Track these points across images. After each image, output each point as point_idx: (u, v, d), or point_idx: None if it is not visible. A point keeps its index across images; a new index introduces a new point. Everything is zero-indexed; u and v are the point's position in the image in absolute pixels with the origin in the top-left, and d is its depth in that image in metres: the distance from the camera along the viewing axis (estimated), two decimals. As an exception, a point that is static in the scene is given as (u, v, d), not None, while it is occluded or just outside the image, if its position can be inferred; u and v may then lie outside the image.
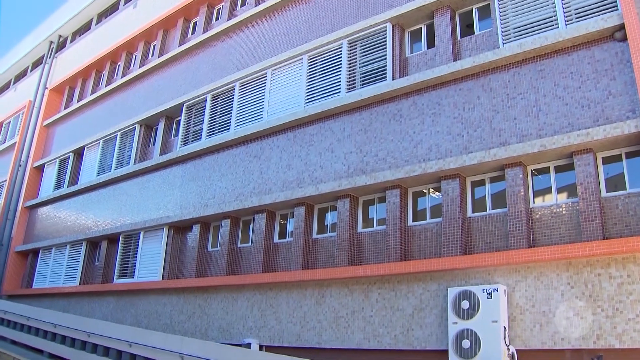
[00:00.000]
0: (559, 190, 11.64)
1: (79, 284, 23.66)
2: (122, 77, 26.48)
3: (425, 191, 13.68)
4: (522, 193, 11.54)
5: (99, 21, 31.05)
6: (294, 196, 15.37)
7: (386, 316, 12.67)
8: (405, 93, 14.14)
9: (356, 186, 14.03)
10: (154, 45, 25.52)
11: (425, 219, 13.38)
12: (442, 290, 11.90)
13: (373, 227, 14.30)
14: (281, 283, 15.05)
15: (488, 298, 10.80)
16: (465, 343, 10.76)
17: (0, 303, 22.19)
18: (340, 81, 15.71)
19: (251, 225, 17.10)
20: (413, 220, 13.54)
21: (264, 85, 18.02)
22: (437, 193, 13.37)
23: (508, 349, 10.39)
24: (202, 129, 19.73)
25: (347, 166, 14.60)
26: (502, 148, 11.82)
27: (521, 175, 11.69)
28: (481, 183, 12.79)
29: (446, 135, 12.99)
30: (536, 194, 11.89)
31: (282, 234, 16.41)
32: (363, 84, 15.23)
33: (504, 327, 10.53)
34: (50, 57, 34.04)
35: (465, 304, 11.06)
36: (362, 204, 14.72)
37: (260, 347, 14.93)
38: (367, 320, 12.98)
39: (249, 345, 14.83)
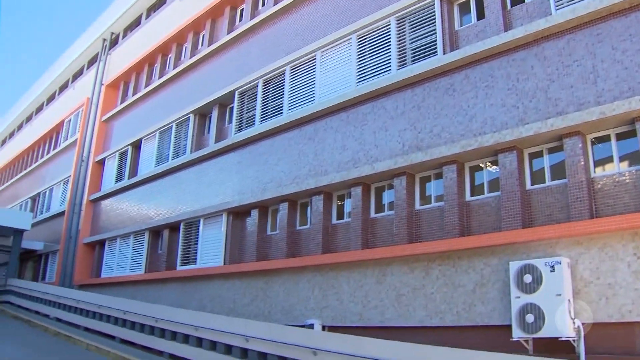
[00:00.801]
0: (621, 159, 11.33)
1: (145, 272, 24.40)
2: (174, 69, 26.95)
3: (482, 165, 13.54)
4: (582, 163, 11.30)
5: (148, 16, 31.61)
6: (350, 176, 15.45)
7: (447, 293, 12.66)
8: (457, 67, 13.99)
9: (412, 163, 14.01)
10: (203, 35, 25.84)
11: (484, 194, 13.25)
12: (504, 264, 11.79)
13: (431, 203, 14.26)
14: (341, 263, 15.18)
15: (551, 271, 10.66)
16: (529, 317, 10.65)
17: (73, 293, 23.07)
18: (390, 59, 15.65)
19: (309, 208, 17.28)
20: (471, 195, 13.44)
21: (314, 67, 18.09)
22: (494, 167, 13.21)
23: (574, 323, 10.22)
24: (255, 115, 19.97)
25: (402, 144, 14.57)
26: (559, 118, 11.59)
27: (580, 145, 11.43)
28: (539, 154, 12.57)
29: (501, 107, 12.81)
30: (597, 163, 11.62)
31: (340, 215, 16.52)
32: (414, 60, 15.13)
33: (569, 301, 10.37)
34: (104, 54, 34.91)
35: (527, 278, 10.93)
36: (419, 181, 14.68)
37: (323, 328, 15.09)
38: (429, 297, 12.99)
39: (311, 326, 15.00)
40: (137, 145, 28.53)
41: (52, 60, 46.96)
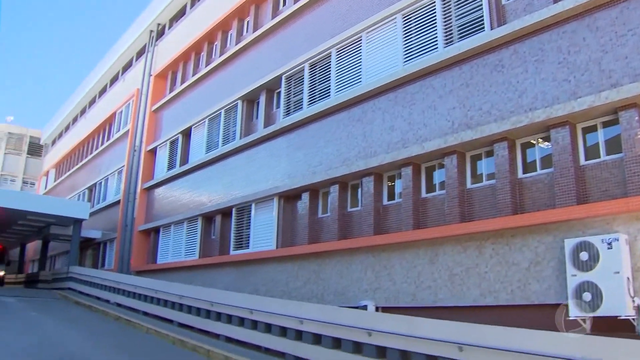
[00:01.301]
0: (682, 131, 10.98)
1: (199, 257, 24.89)
2: (220, 56, 27.22)
3: (534, 142, 13.30)
4: (639, 136, 11.00)
5: (193, 5, 31.94)
6: (399, 157, 15.40)
7: (501, 271, 12.54)
8: (505, 42, 13.73)
9: (462, 141, 13.87)
10: (248, 22, 26.00)
11: (536, 170, 13.03)
12: (559, 242, 11.58)
13: (482, 182, 14.11)
14: (393, 244, 15.19)
15: (608, 248, 10.43)
16: (586, 296, 10.46)
17: (131, 279, 23.70)
18: (436, 37, 15.47)
19: (359, 189, 17.31)
20: (523, 173, 13.23)
21: (359, 48, 18.02)
22: (547, 143, 12.97)
23: (633, 301, 10.01)
24: (302, 98, 20.06)
25: (451, 122, 14.44)
26: (613, 90, 11.27)
27: (637, 118, 11.07)
28: (593, 129, 12.25)
29: (552, 81, 12.54)
30: (655, 135, 11.29)
31: (391, 196, 16.50)
32: (460, 38, 14.92)
33: (628, 278, 10.15)
34: (151, 46, 35.50)
35: (584, 256, 10.73)
36: (470, 159, 14.52)
37: (376, 309, 15.15)
38: (482, 276, 12.90)
39: (365, 307, 15.06)
40: (187, 133, 29.00)
41: (102, 54, 47.99)
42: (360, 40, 18.01)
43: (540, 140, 13.17)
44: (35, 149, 64.28)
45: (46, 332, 15.95)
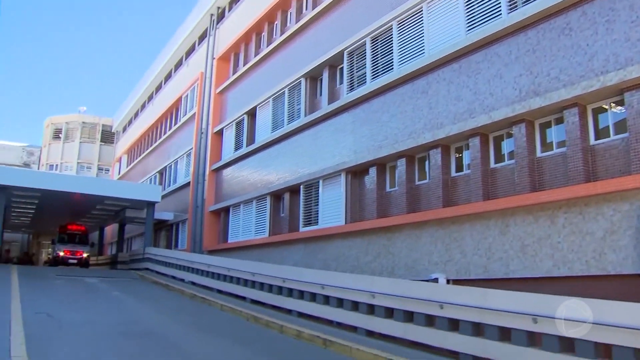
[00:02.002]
0: None
1: (269, 235, 25.29)
2: (281, 35, 27.32)
3: (606, 106, 12.82)
4: None
5: (252, -14, 32.11)
6: (466, 127, 15.16)
7: (575, 241, 12.21)
8: (573, 4, 13.18)
9: (531, 109, 13.50)
10: (307, -1, 25.97)
11: (609, 136, 12.56)
12: (635, 210, 11.16)
13: (553, 150, 13.73)
14: (463, 216, 15.02)
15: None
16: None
17: (204, 258, 24.33)
18: (500, 3, 15.04)
19: (427, 162, 17.17)
20: (595, 139, 12.77)
21: (421, 19, 17.73)
22: (620, 107, 12.48)
23: None
24: (366, 73, 19.95)
25: (518, 90, 14.08)
26: (693, 47, 10.73)
27: None
28: (671, 90, 11.71)
29: (624, 42, 12.00)
30: None
31: (459, 167, 16.29)
32: (525, 2, 14.44)
33: None
34: (213, 29, 35.94)
35: (664, 222, 10.35)
36: (539, 127, 14.13)
37: (447, 281, 15.06)
38: (555, 246, 12.60)
39: (436, 280, 15.00)
40: (252, 114, 29.35)
41: (166, 40, 48.93)
42: (421, 10, 17.71)
43: (613, 104, 12.68)
44: (108, 137, 66.52)
45: (129, 310, 16.63)
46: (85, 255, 39.94)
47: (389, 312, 12.12)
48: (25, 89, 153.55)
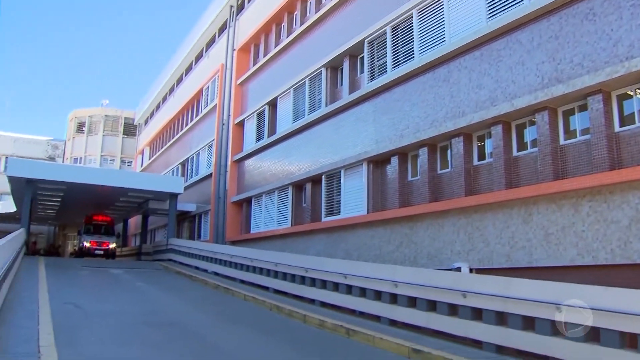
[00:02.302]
0: None
1: (291, 225, 25.36)
2: (300, 26, 27.27)
3: (632, 93, 12.60)
4: None
5: (271, -24, 32.05)
6: (488, 115, 15.02)
7: (600, 230, 12.06)
8: (598, -12, 13.00)
9: (553, 97, 13.33)
10: (327, -12, 25.85)
11: (635, 123, 12.34)
12: (663, 197, 11.04)
13: (576, 137, 13.54)
14: (485, 205, 14.93)
15: None
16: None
17: (227, 248, 24.48)
18: (523, -12, 14.85)
19: (449, 150, 17.06)
20: (620, 126, 12.56)
21: (441, 7, 17.56)
22: (646, 93, 12.28)
23: None
24: (386, 62, 19.84)
25: (540, 77, 13.91)
26: None
27: None
28: (698, 75, 11.48)
29: (650, 27, 11.80)
30: None
31: (482, 156, 16.16)
32: (548, -13, 14.23)
33: None
34: (232, 20, 35.97)
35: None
36: (562, 114, 13.96)
37: (470, 270, 15.00)
38: (579, 235, 12.47)
39: (459, 269, 14.95)
40: (273, 104, 29.39)
41: (186, 32, 49.17)
42: (443, -3, 17.56)
43: (638, 90, 12.47)
44: (130, 129, 67.09)
45: (153, 301, 16.81)
46: (111, 246, 39.45)
47: (412, 302, 12.11)
48: (49, 83, 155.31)
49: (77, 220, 51.30)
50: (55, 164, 57.17)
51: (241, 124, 33.53)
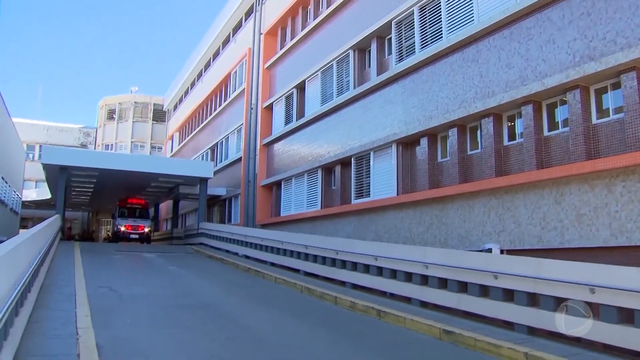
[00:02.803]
0: None
1: (321, 208, 25.43)
2: (327, 8, 27.12)
3: (668, 68, 12.33)
4: None
5: (297, -41, 31.88)
6: (519, 95, 14.80)
7: (634, 210, 11.84)
8: (632, -38, 12.68)
9: (585, 75, 13.07)
10: (354, -31, 25.63)
11: (670, 100, 12.11)
12: (699, 175, 10.81)
13: (609, 116, 13.28)
14: (516, 185, 14.77)
15: None
16: None
17: (257, 232, 24.68)
18: (553, -35, 14.56)
19: (479, 131, 16.90)
20: (655, 103, 12.33)
21: (470, -14, 17.33)
22: (682, 68, 11.98)
23: None
24: (414, 43, 19.67)
25: (572, 55, 13.66)
26: None
27: None
28: None
29: (688, -1, 11.49)
30: None
31: (512, 136, 15.96)
32: (580, -38, 13.94)
33: None
34: (259, 4, 35.93)
35: None
36: (595, 93, 13.69)
37: (501, 251, 14.90)
38: (613, 215, 12.28)
39: (490, 251, 14.88)
40: (301, 87, 29.38)
41: (213, 17, 49.29)
42: (471, -24, 17.31)
43: (675, 66, 12.19)
44: (159, 115, 67.71)
45: (185, 284, 17.05)
46: (146, 229, 38.48)
47: (443, 283, 12.13)
48: (79, 72, 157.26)
49: (109, 206, 52.21)
50: (87, 150, 58.09)
51: (270, 108, 33.60)
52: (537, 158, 14.46)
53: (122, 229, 37.67)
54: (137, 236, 37.85)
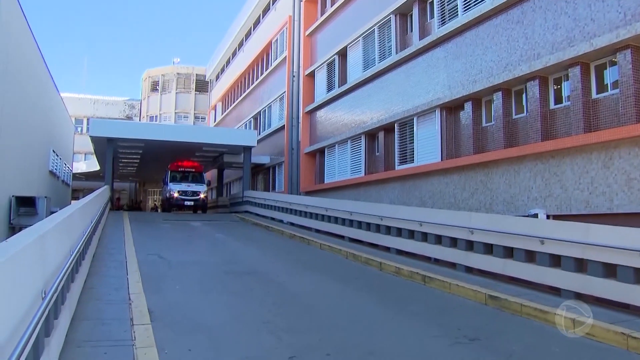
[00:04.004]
0: None
1: (365, 174, 25.43)
2: (368, -28, 26.72)
3: None
4: None
5: None
6: (566, 57, 14.42)
7: (687, 173, 11.56)
8: None
9: (637, 34, 12.60)
10: None
11: None
12: None
13: (662, 76, 12.90)
14: (563, 150, 14.48)
15: None
16: None
17: (301, 199, 24.87)
18: None
19: (524, 95, 16.58)
20: None
21: (513, -57, 16.82)
22: None
23: None
24: (457, 6, 19.26)
25: (623, 13, 13.19)
26: None
27: None
28: None
29: None
30: None
31: (559, 99, 15.59)
32: None
33: None
34: (299, -30, 35.58)
35: None
36: (647, 52, 13.27)
37: (547, 217, 14.70)
38: (665, 179, 11.99)
39: (536, 216, 14.69)
40: (343, 54, 29.17)
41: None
42: None
43: None
44: (202, 86, 68.19)
45: (232, 251, 17.38)
46: (202, 195, 34.57)
47: (488, 248, 12.08)
48: (122, 45, 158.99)
49: (156, 176, 53.20)
50: (133, 122, 59.18)
51: (312, 75, 33.50)
52: (584, 121, 14.14)
53: (175, 195, 33.84)
54: (191, 203, 34.24)
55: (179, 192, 33.70)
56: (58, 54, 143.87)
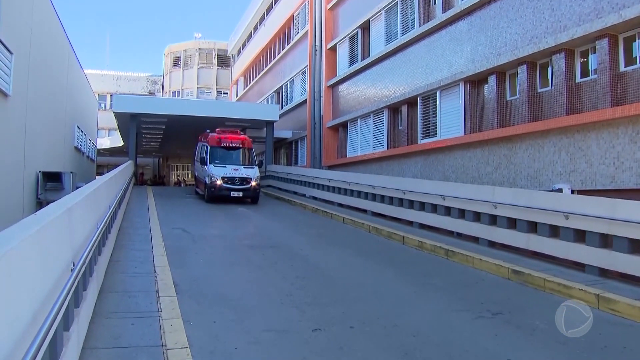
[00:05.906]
0: None
1: (387, 148, 25.36)
2: (391, -57, 26.32)
3: None
4: None
5: None
6: (593, 29, 14.10)
7: None
8: None
9: (667, 4, 12.38)
10: None
11: None
12: None
13: (692, 48, 12.60)
14: (589, 124, 14.27)
15: None
16: None
17: (324, 173, 24.92)
18: None
19: (549, 68, 16.32)
20: None
21: None
22: None
23: None
24: (481, -23, 18.97)
25: (653, -18, 12.88)
26: None
27: None
28: None
29: None
30: None
31: (585, 72, 15.31)
32: None
33: None
34: (320, -57, 35.16)
35: None
36: (678, 23, 12.94)
37: (572, 192, 14.56)
38: (695, 153, 11.77)
39: (560, 191, 14.57)
40: (365, 27, 28.90)
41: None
42: None
43: None
44: (224, 61, 68.11)
45: (255, 225, 17.52)
46: (254, 183, 24.25)
47: (512, 223, 12.04)
48: (143, 20, 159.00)
49: (179, 151, 53.44)
50: (156, 97, 59.43)
51: (334, 49, 33.27)
52: (612, 95, 13.88)
53: (219, 182, 23.85)
54: (240, 194, 24.06)
55: (223, 179, 23.93)
56: (81, 31, 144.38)
